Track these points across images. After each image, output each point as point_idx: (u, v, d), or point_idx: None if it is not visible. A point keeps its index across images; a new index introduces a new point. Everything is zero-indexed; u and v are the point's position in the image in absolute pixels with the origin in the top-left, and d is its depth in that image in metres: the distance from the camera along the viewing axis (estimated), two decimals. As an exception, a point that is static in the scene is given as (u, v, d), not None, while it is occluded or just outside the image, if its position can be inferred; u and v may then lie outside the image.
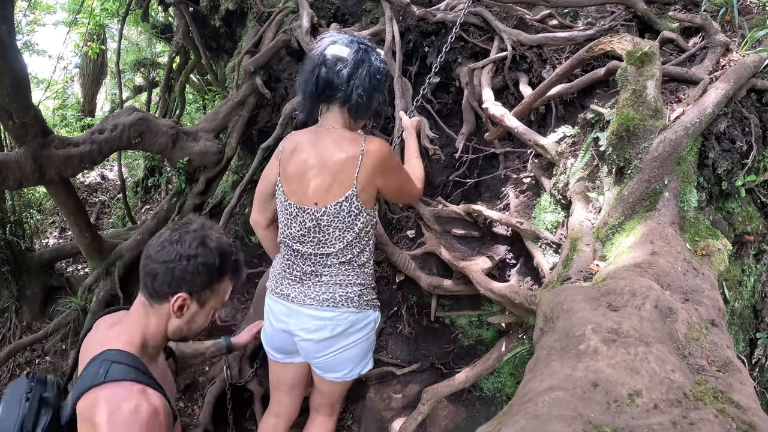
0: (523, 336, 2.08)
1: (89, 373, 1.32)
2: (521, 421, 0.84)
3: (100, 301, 3.71)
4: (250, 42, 3.79)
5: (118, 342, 1.39)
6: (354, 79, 1.72)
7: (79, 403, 1.30)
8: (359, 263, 1.85)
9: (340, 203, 1.74)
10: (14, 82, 2.91)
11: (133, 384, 1.28)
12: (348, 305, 1.82)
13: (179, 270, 1.35)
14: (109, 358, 1.33)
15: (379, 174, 1.74)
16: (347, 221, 1.76)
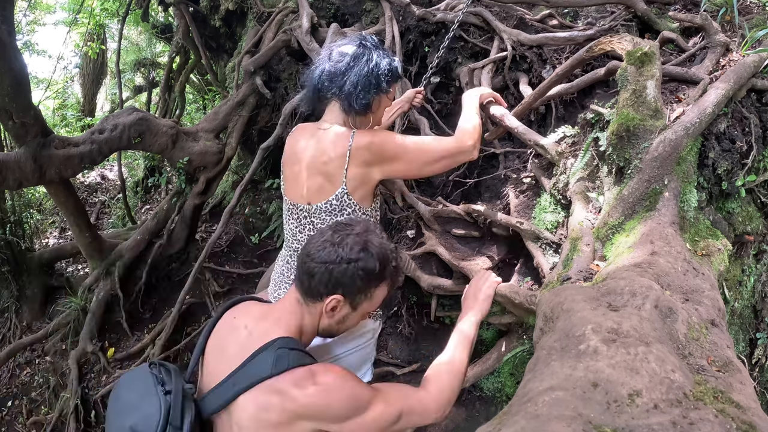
0: (523, 336, 2.07)
1: (258, 364, 1.28)
2: (521, 421, 0.84)
3: (100, 301, 3.71)
4: (250, 42, 3.80)
5: (281, 332, 1.36)
6: (350, 71, 1.70)
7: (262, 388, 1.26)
8: None
9: (330, 201, 1.73)
10: (14, 82, 2.91)
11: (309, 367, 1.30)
12: None
13: (338, 272, 1.34)
14: (286, 345, 1.31)
15: (375, 166, 1.71)
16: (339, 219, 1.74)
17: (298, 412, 1.24)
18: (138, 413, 1.26)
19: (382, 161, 1.71)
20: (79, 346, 3.58)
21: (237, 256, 4.19)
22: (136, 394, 1.31)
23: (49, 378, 3.69)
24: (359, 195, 1.73)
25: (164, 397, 1.27)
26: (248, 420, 1.27)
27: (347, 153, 1.67)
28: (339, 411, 1.26)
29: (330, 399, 1.25)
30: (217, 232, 3.44)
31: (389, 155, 1.72)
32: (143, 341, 3.63)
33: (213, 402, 1.33)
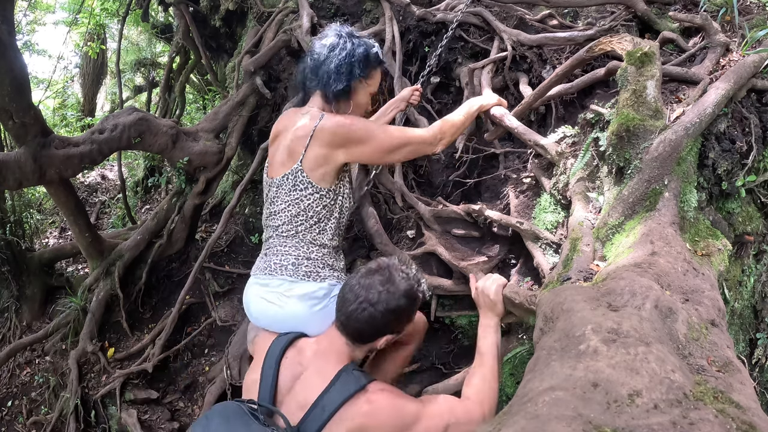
0: (523, 336, 2.08)
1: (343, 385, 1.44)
2: (521, 421, 0.84)
3: (100, 301, 3.71)
4: (250, 42, 3.79)
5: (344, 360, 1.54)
6: (327, 61, 1.79)
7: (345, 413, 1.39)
8: (307, 240, 1.83)
9: (287, 175, 1.79)
10: (14, 82, 2.91)
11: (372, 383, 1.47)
12: (281, 272, 1.79)
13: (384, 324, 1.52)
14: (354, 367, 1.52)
15: (339, 148, 1.75)
16: (291, 195, 1.79)
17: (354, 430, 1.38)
18: None
19: (346, 144, 1.76)
20: (79, 346, 3.58)
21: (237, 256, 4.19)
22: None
23: (49, 378, 3.69)
24: (317, 174, 1.77)
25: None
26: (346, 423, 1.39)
27: (311, 133, 1.74)
28: (391, 428, 1.39)
29: (382, 417, 1.39)
30: (217, 232, 3.44)
31: (354, 138, 1.76)
32: (143, 341, 3.63)
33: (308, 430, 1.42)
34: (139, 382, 3.46)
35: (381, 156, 1.88)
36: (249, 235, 4.27)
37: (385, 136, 1.82)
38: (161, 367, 3.50)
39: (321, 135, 1.74)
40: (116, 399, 3.33)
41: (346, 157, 1.78)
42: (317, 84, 1.83)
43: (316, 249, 1.84)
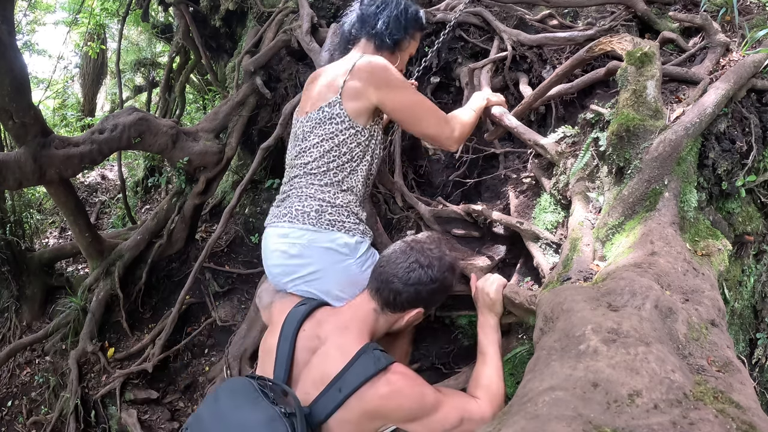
0: (523, 336, 2.07)
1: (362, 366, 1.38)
2: (521, 421, 0.84)
3: (100, 301, 3.71)
4: (250, 42, 3.79)
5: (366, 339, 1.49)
6: (381, 13, 1.87)
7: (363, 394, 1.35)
8: (336, 180, 1.77)
9: (323, 108, 1.78)
10: (14, 82, 2.91)
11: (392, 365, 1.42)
12: (303, 220, 1.71)
13: (426, 292, 1.50)
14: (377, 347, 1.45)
15: (372, 86, 1.73)
16: (326, 128, 1.75)
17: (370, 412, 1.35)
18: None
19: (382, 85, 1.74)
20: (79, 346, 3.58)
21: (237, 256, 4.19)
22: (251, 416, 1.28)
23: (49, 378, 3.69)
24: (353, 109, 1.75)
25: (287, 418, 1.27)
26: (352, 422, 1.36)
27: (351, 67, 1.76)
28: (408, 412, 1.36)
29: (401, 400, 1.36)
30: (217, 232, 3.44)
31: (391, 82, 1.75)
32: (143, 341, 3.63)
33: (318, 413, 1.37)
34: (139, 382, 3.46)
35: (408, 110, 1.80)
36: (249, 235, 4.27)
37: (419, 96, 1.83)
38: (161, 367, 3.50)
39: (360, 69, 1.75)
40: (116, 399, 3.33)
41: (378, 98, 1.74)
42: (369, 32, 1.87)
43: (343, 194, 1.77)
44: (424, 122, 1.81)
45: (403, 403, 1.36)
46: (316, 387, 1.40)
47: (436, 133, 1.84)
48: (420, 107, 1.80)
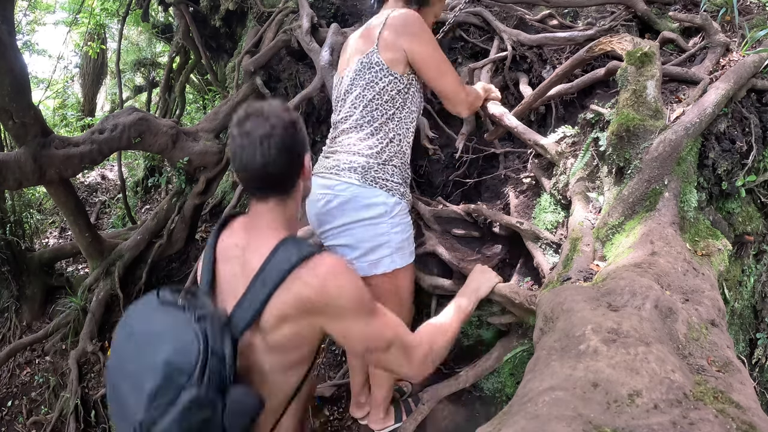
0: (523, 336, 2.08)
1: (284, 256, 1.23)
2: (521, 421, 0.84)
3: (100, 301, 3.71)
4: (250, 42, 3.79)
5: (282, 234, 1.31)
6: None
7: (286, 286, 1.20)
8: (380, 132, 1.81)
9: (361, 60, 1.83)
10: (14, 82, 2.91)
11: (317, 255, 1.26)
12: (349, 174, 1.76)
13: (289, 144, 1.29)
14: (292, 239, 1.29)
15: (404, 36, 1.79)
16: (367, 77, 1.81)
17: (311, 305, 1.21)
18: (169, 345, 1.11)
19: (407, 33, 1.79)
20: (79, 346, 3.58)
21: (237, 256, 4.18)
22: (159, 325, 1.17)
23: (49, 378, 3.69)
24: (389, 57, 1.80)
25: (198, 323, 1.14)
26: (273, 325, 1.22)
27: (384, 20, 1.82)
28: (345, 305, 1.23)
29: (338, 290, 1.22)
30: (217, 232, 3.44)
31: (419, 34, 1.80)
32: (143, 341, 3.63)
33: (242, 316, 1.23)
34: (139, 382, 3.46)
35: (433, 64, 1.84)
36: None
37: (444, 55, 1.86)
38: (161, 367, 3.50)
39: (393, 21, 1.81)
40: (116, 399, 3.33)
41: (408, 47, 1.79)
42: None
43: (389, 147, 1.82)
44: (444, 79, 1.86)
45: (341, 292, 1.22)
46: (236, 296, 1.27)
47: (454, 93, 1.90)
48: (445, 64, 1.86)
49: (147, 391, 1.09)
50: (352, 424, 2.69)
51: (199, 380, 1.09)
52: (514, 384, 2.24)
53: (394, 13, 1.84)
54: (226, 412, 1.13)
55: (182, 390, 1.08)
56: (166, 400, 1.08)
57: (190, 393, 1.08)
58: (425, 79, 1.90)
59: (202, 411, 1.10)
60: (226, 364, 1.14)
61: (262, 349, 1.26)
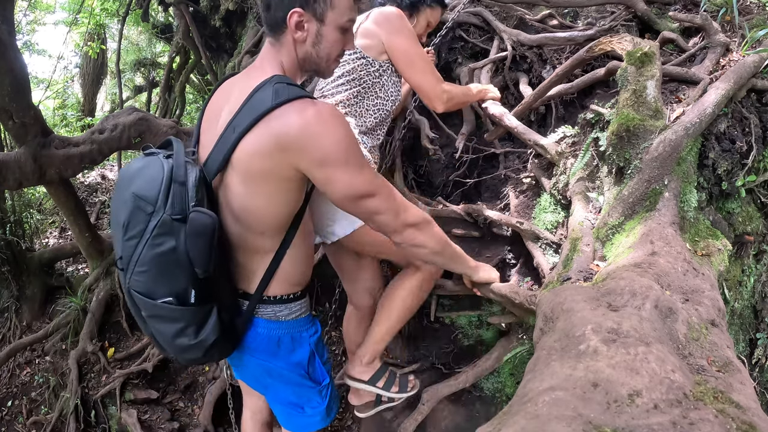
0: (523, 336, 2.07)
1: (258, 100, 1.21)
2: (521, 421, 0.84)
3: (100, 301, 3.71)
4: (250, 42, 3.80)
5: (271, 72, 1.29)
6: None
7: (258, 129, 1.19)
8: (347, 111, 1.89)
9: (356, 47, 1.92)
10: (14, 82, 2.91)
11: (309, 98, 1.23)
12: None
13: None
14: (282, 80, 1.24)
15: (383, 28, 1.87)
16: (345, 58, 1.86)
17: (284, 141, 1.18)
18: (139, 179, 1.21)
19: (390, 28, 1.88)
20: (79, 346, 3.58)
21: (237, 256, 4.18)
22: (135, 167, 1.26)
23: (49, 378, 3.69)
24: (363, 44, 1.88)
25: (166, 159, 1.23)
26: (245, 161, 1.22)
27: (369, 14, 1.93)
28: (325, 150, 1.19)
29: (324, 132, 1.19)
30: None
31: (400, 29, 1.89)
32: (143, 341, 3.63)
33: (215, 158, 1.27)
34: (139, 382, 3.46)
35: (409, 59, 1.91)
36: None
37: (422, 51, 1.94)
38: (161, 367, 3.50)
39: (376, 14, 1.90)
40: (116, 399, 3.34)
41: (387, 40, 1.87)
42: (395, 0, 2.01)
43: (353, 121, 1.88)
44: (420, 74, 1.92)
45: (327, 135, 1.18)
46: (215, 136, 1.29)
47: (429, 88, 1.94)
48: (421, 60, 1.92)
49: (120, 224, 1.20)
50: (352, 424, 2.69)
51: (162, 205, 1.16)
52: (514, 384, 2.24)
53: (379, 8, 1.93)
54: (186, 235, 1.19)
55: (150, 218, 1.17)
56: (137, 230, 1.19)
57: (156, 218, 1.17)
58: (400, 72, 1.96)
59: (168, 237, 1.18)
60: (188, 188, 1.20)
61: (238, 181, 1.26)
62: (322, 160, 1.21)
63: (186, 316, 1.27)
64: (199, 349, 1.32)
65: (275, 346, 1.48)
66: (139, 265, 1.20)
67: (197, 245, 1.20)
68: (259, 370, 1.54)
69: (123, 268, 1.24)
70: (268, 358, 1.49)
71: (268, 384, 1.59)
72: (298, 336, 1.51)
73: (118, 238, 1.23)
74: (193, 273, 1.22)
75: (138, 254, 1.19)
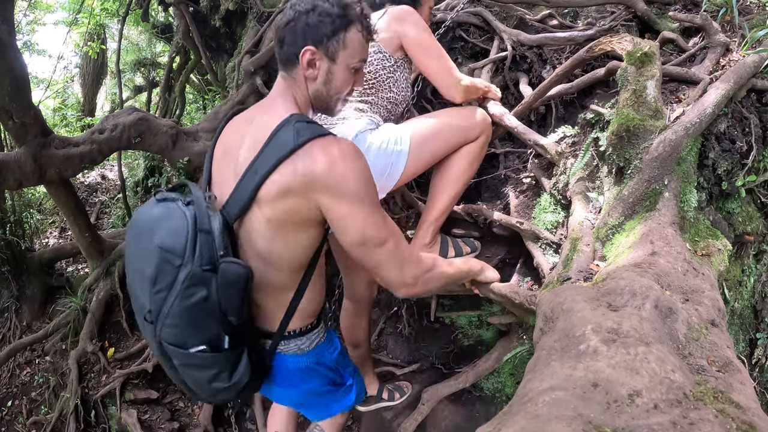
0: (523, 336, 2.08)
1: (280, 142, 1.21)
2: (521, 421, 0.84)
3: (100, 301, 3.71)
4: (250, 42, 3.79)
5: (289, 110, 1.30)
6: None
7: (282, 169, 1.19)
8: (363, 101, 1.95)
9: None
10: (14, 82, 2.91)
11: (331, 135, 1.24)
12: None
13: (301, 25, 1.31)
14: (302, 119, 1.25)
15: (399, 22, 1.95)
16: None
17: (310, 180, 1.19)
18: (162, 231, 1.18)
19: (405, 22, 1.96)
20: (79, 346, 3.58)
21: (237, 256, 4.18)
22: (153, 216, 1.24)
23: (49, 378, 3.69)
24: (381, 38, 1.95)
25: (186, 207, 1.20)
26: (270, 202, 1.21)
27: (385, 11, 2.01)
28: (348, 187, 1.21)
29: (348, 170, 1.20)
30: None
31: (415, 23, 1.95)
32: (143, 341, 3.63)
33: (237, 201, 1.26)
34: (139, 382, 3.46)
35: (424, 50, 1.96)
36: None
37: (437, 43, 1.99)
38: (161, 367, 3.49)
39: (392, 11, 1.99)
40: (116, 399, 3.33)
41: (403, 32, 1.95)
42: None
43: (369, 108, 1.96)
44: (435, 64, 1.96)
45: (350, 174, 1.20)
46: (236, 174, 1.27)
47: (445, 77, 1.97)
48: (436, 50, 1.97)
49: (147, 277, 1.18)
50: (352, 425, 2.69)
51: (191, 257, 1.15)
52: (514, 384, 2.24)
53: (394, 6, 2.01)
54: (218, 285, 1.19)
55: (179, 271, 1.16)
56: (165, 283, 1.16)
57: (185, 271, 1.16)
58: (417, 63, 1.99)
59: (199, 288, 1.17)
60: (214, 237, 1.19)
61: (262, 222, 1.26)
62: (343, 197, 1.22)
63: (220, 361, 1.27)
64: (233, 391, 1.33)
65: (301, 375, 1.51)
66: (171, 317, 1.18)
67: (230, 295, 1.21)
68: (289, 397, 1.62)
69: (152, 321, 1.21)
70: (297, 386, 1.54)
71: (301, 403, 1.66)
72: (321, 360, 1.54)
73: (145, 290, 1.20)
74: (224, 320, 1.23)
75: (169, 306, 1.18)
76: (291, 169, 1.19)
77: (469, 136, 1.97)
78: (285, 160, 1.19)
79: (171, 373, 1.34)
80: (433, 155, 1.95)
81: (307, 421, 1.89)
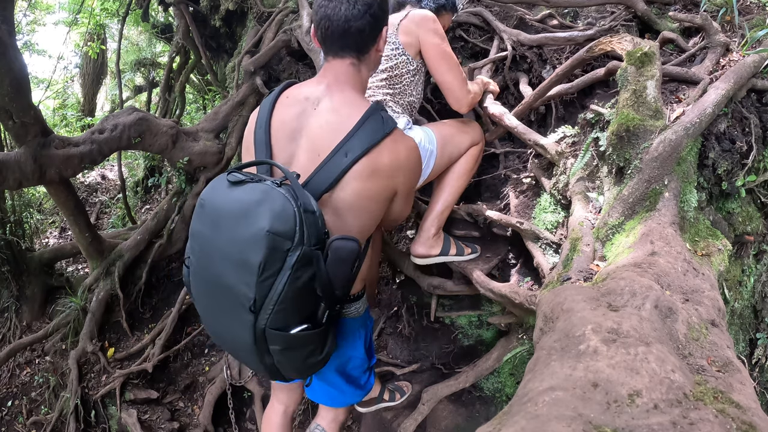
0: (523, 336, 2.08)
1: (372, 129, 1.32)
2: (521, 421, 0.84)
3: (100, 301, 3.71)
4: (250, 42, 3.80)
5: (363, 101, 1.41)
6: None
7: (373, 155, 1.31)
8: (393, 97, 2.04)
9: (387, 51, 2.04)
10: (14, 82, 2.91)
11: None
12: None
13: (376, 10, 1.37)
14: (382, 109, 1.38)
15: (420, 27, 1.98)
16: (388, 53, 2.00)
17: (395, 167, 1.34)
18: (265, 215, 1.14)
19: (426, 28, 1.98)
20: (79, 346, 3.58)
21: (237, 256, 4.18)
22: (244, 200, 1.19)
23: (49, 378, 3.69)
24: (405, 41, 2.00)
25: (280, 188, 1.17)
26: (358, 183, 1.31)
27: (407, 14, 2.03)
28: (416, 176, 1.45)
29: (417, 161, 1.42)
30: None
31: (435, 30, 1.99)
32: (143, 341, 3.63)
33: (322, 179, 1.30)
34: (139, 382, 3.46)
35: (440, 58, 2.00)
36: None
37: (452, 53, 2.03)
38: (161, 367, 3.50)
39: (413, 14, 2.00)
40: (116, 399, 3.33)
41: (422, 38, 1.98)
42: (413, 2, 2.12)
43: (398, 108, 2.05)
44: (450, 73, 2.01)
45: (415, 166, 1.42)
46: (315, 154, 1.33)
47: (457, 88, 2.03)
48: (451, 60, 2.02)
49: (253, 265, 1.14)
50: (352, 424, 2.69)
51: (301, 239, 1.14)
52: (514, 384, 2.24)
53: (416, 10, 2.04)
54: (328, 262, 1.21)
55: (287, 254, 1.14)
56: (274, 269, 1.14)
57: (295, 254, 1.14)
58: (432, 71, 2.03)
59: (307, 268, 1.17)
60: (317, 217, 1.20)
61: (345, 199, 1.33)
62: (411, 184, 1.44)
63: (317, 338, 1.28)
64: (322, 362, 1.34)
65: (353, 338, 1.59)
66: (279, 303, 1.16)
67: (341, 270, 1.24)
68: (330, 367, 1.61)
69: (255, 311, 1.17)
70: (347, 351, 1.60)
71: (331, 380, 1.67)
72: (369, 322, 1.68)
73: (248, 280, 1.15)
74: (329, 295, 1.24)
75: (278, 292, 1.15)
76: (380, 154, 1.31)
77: (473, 144, 2.15)
78: (377, 145, 1.30)
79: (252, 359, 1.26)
80: (450, 158, 2.09)
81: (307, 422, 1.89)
